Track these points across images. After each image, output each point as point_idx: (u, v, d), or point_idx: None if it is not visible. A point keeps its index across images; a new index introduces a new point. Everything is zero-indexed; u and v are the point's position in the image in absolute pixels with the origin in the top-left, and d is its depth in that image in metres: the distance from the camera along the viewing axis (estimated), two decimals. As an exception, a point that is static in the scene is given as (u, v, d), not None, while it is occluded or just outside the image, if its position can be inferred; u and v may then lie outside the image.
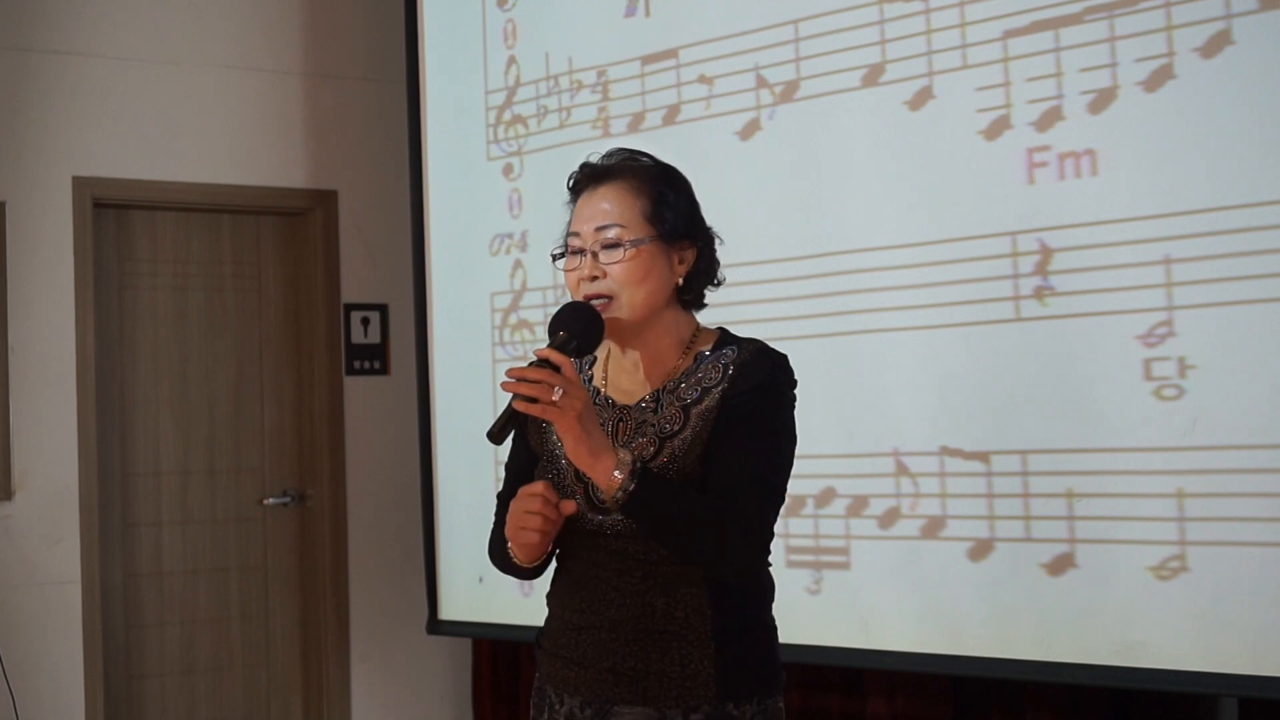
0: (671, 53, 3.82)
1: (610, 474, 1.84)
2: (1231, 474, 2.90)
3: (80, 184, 4.60)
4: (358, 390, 5.06)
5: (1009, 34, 3.19)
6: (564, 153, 4.03)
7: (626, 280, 1.94)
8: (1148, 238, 2.99)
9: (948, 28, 3.29)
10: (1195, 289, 2.94)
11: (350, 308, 5.06)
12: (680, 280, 1.99)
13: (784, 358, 1.98)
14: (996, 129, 3.22)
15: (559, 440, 1.98)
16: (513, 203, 4.21)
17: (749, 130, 3.64)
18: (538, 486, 1.93)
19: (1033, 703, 3.58)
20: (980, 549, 3.25)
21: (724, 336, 2.02)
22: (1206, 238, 2.92)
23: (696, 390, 1.95)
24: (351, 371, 5.05)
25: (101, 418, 4.66)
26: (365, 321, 5.08)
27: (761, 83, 3.62)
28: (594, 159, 2.03)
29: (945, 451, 3.29)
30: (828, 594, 3.48)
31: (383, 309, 5.10)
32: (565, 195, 2.04)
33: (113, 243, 4.77)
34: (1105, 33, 3.06)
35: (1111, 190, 3.05)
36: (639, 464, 1.85)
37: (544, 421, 1.99)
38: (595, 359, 2.07)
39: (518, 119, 4.20)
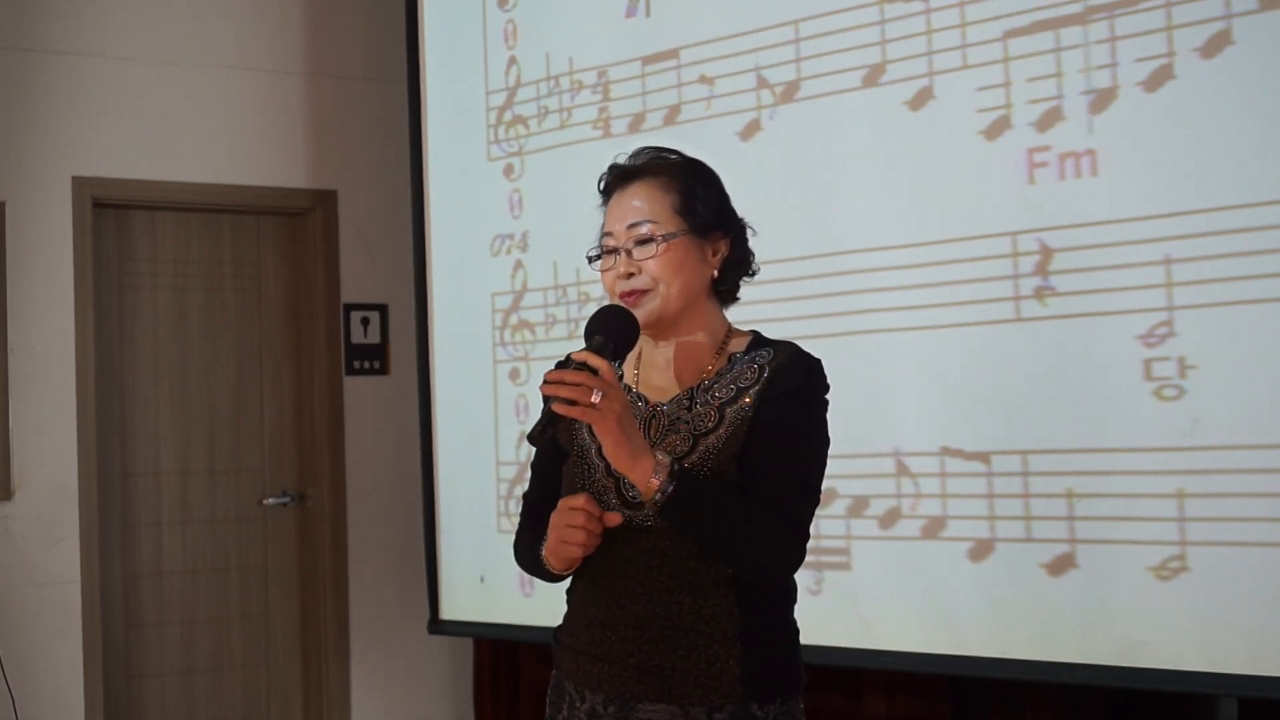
0: (672, 53, 3.82)
1: (649, 476, 1.82)
2: (1231, 474, 2.90)
3: (80, 184, 4.60)
4: (358, 390, 5.06)
5: (1009, 34, 3.20)
6: (565, 153, 4.03)
7: (661, 273, 1.94)
8: (1148, 238, 2.99)
9: (948, 28, 3.29)
10: (1195, 289, 2.94)
11: (350, 308, 5.05)
12: (715, 272, 2.00)
13: (818, 362, 1.97)
14: (997, 129, 3.22)
15: (590, 438, 1.98)
16: (513, 203, 4.20)
17: (749, 130, 3.64)
18: (579, 499, 1.91)
19: (1033, 703, 3.58)
20: (981, 549, 3.25)
21: (758, 338, 2.02)
22: (1206, 238, 2.92)
23: (731, 390, 1.94)
24: (351, 371, 5.05)
25: (101, 418, 4.66)
26: (365, 321, 5.08)
27: (762, 83, 3.62)
28: (622, 159, 2.03)
29: (946, 452, 3.29)
30: (828, 594, 3.48)
31: (383, 309, 5.10)
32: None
33: (113, 243, 4.77)
34: (1105, 33, 3.06)
35: (1111, 190, 3.05)
36: (678, 465, 1.84)
37: (575, 420, 1.99)
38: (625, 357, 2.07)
39: (518, 119, 4.20)
